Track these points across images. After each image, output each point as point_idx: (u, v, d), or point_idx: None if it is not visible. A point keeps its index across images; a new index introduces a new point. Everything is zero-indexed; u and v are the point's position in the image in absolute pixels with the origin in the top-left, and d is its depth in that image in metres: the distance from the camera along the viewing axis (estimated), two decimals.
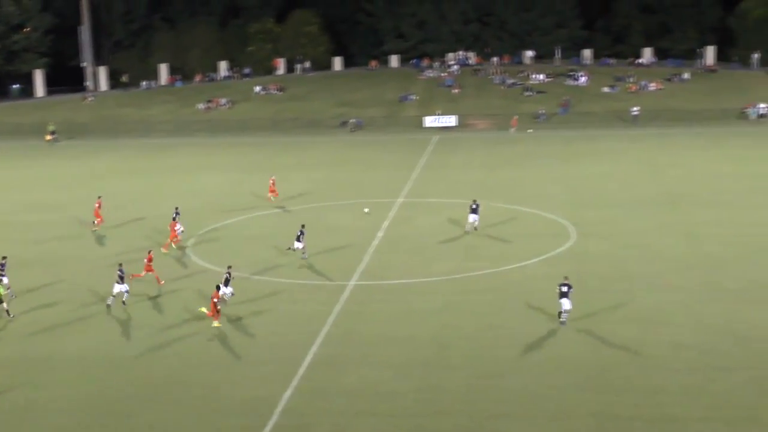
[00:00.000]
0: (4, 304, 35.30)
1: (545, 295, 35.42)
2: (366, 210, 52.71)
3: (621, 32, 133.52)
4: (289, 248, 42.69)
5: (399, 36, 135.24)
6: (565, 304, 32.49)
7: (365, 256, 43.14)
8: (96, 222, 50.12)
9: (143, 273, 38.66)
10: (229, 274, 36.00)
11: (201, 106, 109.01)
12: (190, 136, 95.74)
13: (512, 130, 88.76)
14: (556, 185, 60.30)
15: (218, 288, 34.30)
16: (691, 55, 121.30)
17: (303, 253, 42.42)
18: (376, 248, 44.76)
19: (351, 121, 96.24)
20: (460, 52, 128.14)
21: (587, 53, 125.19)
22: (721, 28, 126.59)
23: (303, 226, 43.08)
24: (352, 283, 38.83)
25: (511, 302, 35.52)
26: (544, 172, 65.28)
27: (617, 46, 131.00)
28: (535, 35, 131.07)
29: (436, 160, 73.76)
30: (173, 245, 45.55)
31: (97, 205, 50.43)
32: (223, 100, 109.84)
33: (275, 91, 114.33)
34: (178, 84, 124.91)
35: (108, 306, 36.05)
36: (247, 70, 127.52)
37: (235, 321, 34.03)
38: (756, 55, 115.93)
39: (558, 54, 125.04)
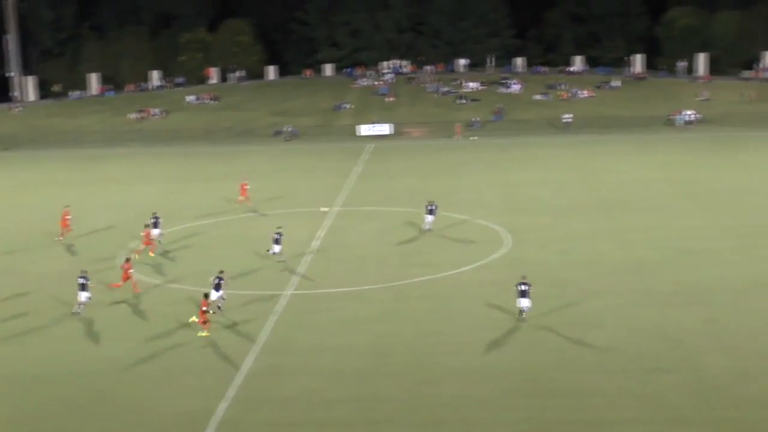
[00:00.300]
0: None
1: (483, 301, 35.89)
2: (323, 209, 52.90)
3: (552, 41, 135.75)
4: (268, 251, 43.24)
5: (333, 44, 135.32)
6: (524, 302, 33.21)
7: (301, 265, 42.94)
8: (61, 232, 48.99)
9: (122, 283, 38.04)
10: (220, 279, 35.51)
11: (133, 115, 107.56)
12: (122, 146, 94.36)
13: (456, 137, 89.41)
14: (490, 192, 60.85)
15: (206, 296, 33.85)
16: (620, 63, 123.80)
17: (280, 256, 42.90)
18: (312, 257, 44.61)
19: (286, 130, 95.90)
20: (394, 61, 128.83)
21: (520, 61, 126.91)
22: (649, 37, 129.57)
23: (280, 227, 43.82)
24: (289, 292, 38.60)
25: (449, 309, 35.69)
26: (478, 179, 65.83)
27: (549, 55, 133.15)
28: (468, 44, 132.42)
29: (371, 168, 73.89)
30: (150, 253, 45.01)
31: (67, 216, 49.16)
32: (155, 110, 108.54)
33: (209, 101, 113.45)
34: (109, 94, 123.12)
35: (75, 313, 35.73)
36: (180, 80, 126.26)
37: (170, 332, 33.56)
38: (682, 64, 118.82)
39: (491, 62, 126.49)
